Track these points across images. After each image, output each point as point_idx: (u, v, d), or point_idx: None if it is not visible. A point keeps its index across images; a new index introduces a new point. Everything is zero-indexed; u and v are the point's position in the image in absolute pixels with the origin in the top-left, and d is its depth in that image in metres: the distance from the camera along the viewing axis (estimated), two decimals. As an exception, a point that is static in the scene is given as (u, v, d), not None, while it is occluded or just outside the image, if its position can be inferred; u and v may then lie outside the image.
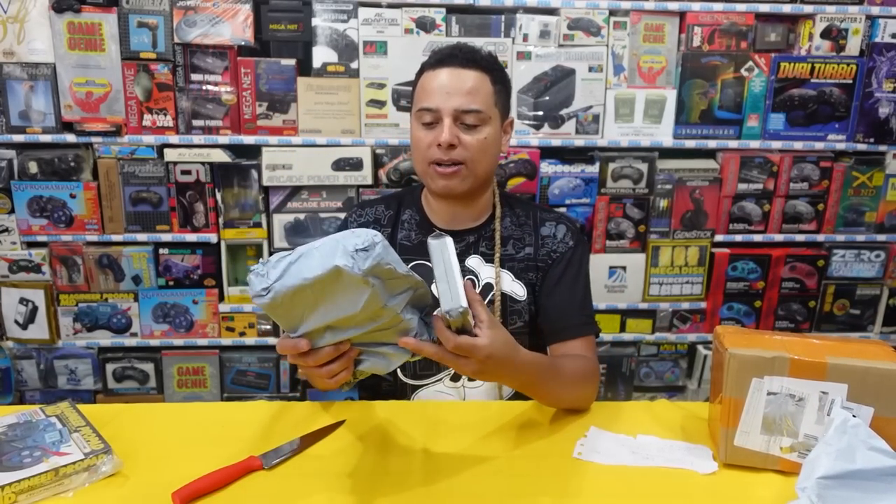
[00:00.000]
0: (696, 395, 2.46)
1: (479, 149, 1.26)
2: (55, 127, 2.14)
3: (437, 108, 1.24)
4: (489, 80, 1.27)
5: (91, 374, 2.32)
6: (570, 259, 1.34)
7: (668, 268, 2.35)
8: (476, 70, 1.26)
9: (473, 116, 1.24)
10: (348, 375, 0.97)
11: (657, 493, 0.99)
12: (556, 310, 1.32)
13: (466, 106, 1.23)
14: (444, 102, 1.24)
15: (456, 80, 1.24)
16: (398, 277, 0.90)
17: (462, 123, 1.25)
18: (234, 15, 2.10)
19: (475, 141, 1.25)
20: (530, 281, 1.34)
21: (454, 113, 1.23)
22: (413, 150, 1.32)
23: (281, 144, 2.19)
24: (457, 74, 1.25)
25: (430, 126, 1.26)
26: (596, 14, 2.15)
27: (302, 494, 0.98)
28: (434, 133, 1.25)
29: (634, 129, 2.24)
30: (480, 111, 1.24)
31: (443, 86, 1.24)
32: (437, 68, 1.26)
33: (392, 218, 1.38)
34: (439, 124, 1.25)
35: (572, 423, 1.17)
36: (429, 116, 1.25)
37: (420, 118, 1.27)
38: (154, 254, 2.25)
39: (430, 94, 1.25)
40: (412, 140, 1.31)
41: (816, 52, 2.20)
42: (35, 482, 0.94)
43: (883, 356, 0.99)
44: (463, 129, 1.25)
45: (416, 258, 1.32)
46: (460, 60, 1.25)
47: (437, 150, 1.24)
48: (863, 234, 2.36)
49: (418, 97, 1.29)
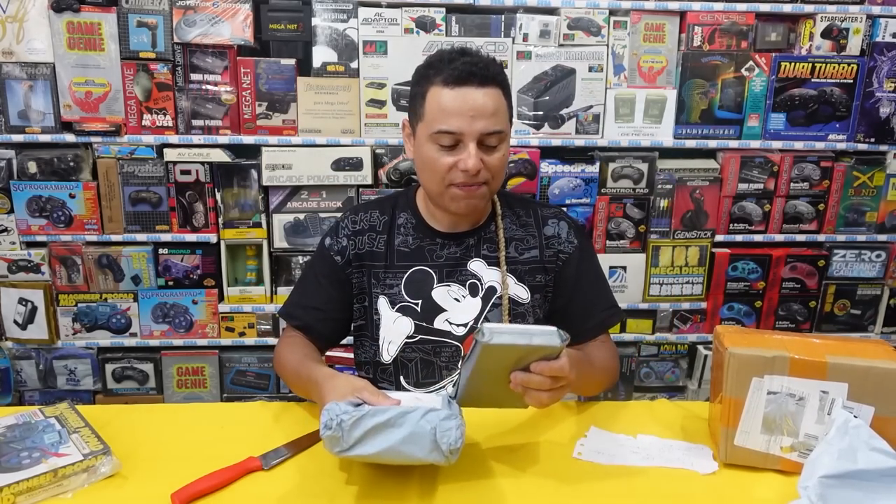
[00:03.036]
0: (696, 395, 2.46)
1: (500, 167, 1.24)
2: (54, 127, 2.14)
3: (461, 132, 1.18)
4: (503, 95, 1.22)
5: (90, 375, 2.32)
6: (579, 258, 1.34)
7: (668, 268, 2.35)
8: (493, 87, 1.19)
9: (496, 137, 1.20)
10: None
11: (657, 493, 0.99)
12: (582, 310, 1.33)
13: (491, 128, 1.18)
14: (468, 127, 1.17)
15: (478, 103, 1.17)
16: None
17: (484, 145, 1.20)
18: (233, 15, 2.10)
19: (496, 160, 1.22)
20: (538, 283, 1.32)
21: (479, 137, 1.18)
22: (425, 171, 1.24)
23: (281, 144, 2.19)
24: (478, 95, 1.17)
25: (448, 148, 1.20)
26: (596, 14, 2.15)
27: (301, 495, 0.98)
28: (455, 156, 1.19)
29: (634, 129, 2.24)
30: (503, 131, 1.21)
31: (464, 109, 1.17)
32: (453, 87, 1.18)
33: (387, 223, 1.34)
34: (459, 147, 1.19)
35: (572, 423, 1.17)
36: (449, 140, 1.19)
37: (437, 140, 1.19)
38: (154, 254, 2.25)
39: (451, 117, 1.17)
40: (425, 159, 1.23)
41: (817, 51, 2.20)
42: (34, 483, 0.94)
43: (883, 355, 0.99)
44: (484, 151, 1.20)
45: (415, 264, 1.30)
46: (479, 79, 1.18)
47: (461, 175, 1.20)
48: (863, 234, 2.36)
49: (433, 117, 1.19)
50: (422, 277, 1.30)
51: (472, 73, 1.17)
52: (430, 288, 1.29)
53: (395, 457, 0.91)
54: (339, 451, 0.91)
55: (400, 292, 1.29)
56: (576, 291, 1.33)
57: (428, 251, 1.31)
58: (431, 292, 1.29)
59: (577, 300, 1.33)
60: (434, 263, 1.30)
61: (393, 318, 1.29)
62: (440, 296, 1.29)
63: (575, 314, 1.33)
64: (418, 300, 1.29)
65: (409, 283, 1.30)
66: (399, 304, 1.29)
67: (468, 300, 1.29)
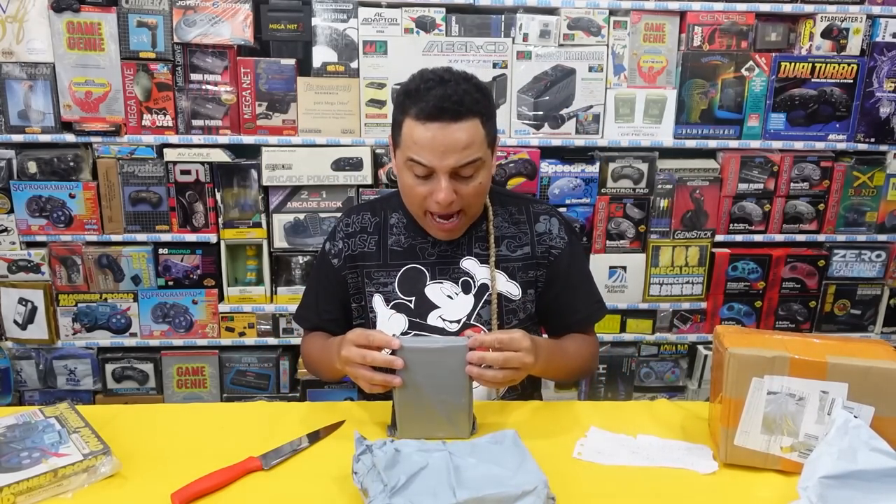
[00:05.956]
0: (696, 395, 2.46)
1: (476, 194, 1.24)
2: (54, 127, 2.14)
3: (432, 166, 1.17)
4: (480, 123, 1.19)
5: (90, 375, 2.32)
6: (570, 255, 1.36)
7: (668, 268, 2.35)
8: (467, 120, 1.16)
9: (470, 167, 1.19)
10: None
11: (657, 493, 0.99)
12: (567, 306, 1.37)
13: (463, 161, 1.17)
14: (438, 162, 1.16)
15: (449, 137, 1.15)
16: None
17: (459, 175, 1.19)
18: (233, 14, 2.09)
19: (472, 189, 1.22)
20: (530, 279, 1.34)
21: (451, 171, 1.17)
22: (404, 195, 1.27)
23: (281, 144, 2.19)
24: (449, 131, 1.15)
25: (422, 178, 1.20)
26: (596, 14, 2.15)
27: (301, 495, 0.98)
28: (428, 187, 1.20)
29: (634, 129, 2.24)
30: (477, 160, 1.19)
31: (435, 145, 1.16)
32: (424, 122, 1.16)
33: (379, 224, 1.37)
34: (433, 178, 1.19)
35: (572, 423, 1.17)
36: (422, 171, 1.19)
37: (411, 168, 1.20)
38: (154, 254, 2.25)
39: (422, 150, 1.17)
40: (402, 185, 1.25)
41: (817, 51, 2.20)
42: (34, 483, 0.94)
43: (883, 355, 0.99)
44: (459, 181, 1.20)
45: (408, 262, 1.33)
46: (451, 114, 1.15)
47: (435, 205, 1.21)
48: (863, 234, 2.36)
49: (406, 145, 1.19)
50: (415, 275, 1.32)
51: (443, 110, 1.15)
52: (423, 285, 1.32)
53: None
54: (379, 492, 0.88)
55: (394, 290, 1.32)
56: (564, 288, 1.36)
57: (420, 249, 1.34)
58: (424, 289, 1.32)
59: (564, 296, 1.37)
60: (426, 261, 1.33)
61: (388, 315, 1.32)
62: (433, 293, 1.31)
63: (561, 309, 1.37)
64: (412, 297, 1.32)
65: (403, 281, 1.32)
66: (393, 301, 1.32)
67: (461, 297, 1.31)
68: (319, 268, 1.43)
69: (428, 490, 0.87)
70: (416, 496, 0.86)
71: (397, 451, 0.93)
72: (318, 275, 1.44)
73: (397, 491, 0.86)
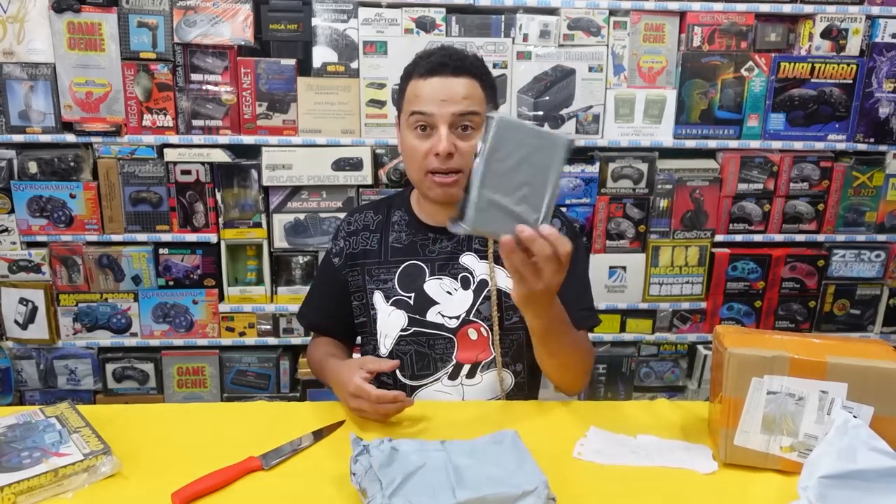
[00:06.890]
0: (696, 395, 2.46)
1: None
2: (55, 127, 2.14)
3: (432, 114, 1.23)
4: (479, 86, 1.26)
5: (91, 375, 2.32)
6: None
7: (668, 268, 2.35)
8: (467, 77, 1.24)
9: (469, 119, 1.23)
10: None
11: (657, 493, 0.99)
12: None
13: (462, 110, 1.22)
14: (438, 110, 1.22)
15: (449, 89, 1.23)
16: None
17: (458, 129, 1.24)
18: (233, 15, 2.10)
19: (471, 147, 1.23)
20: None
21: (451, 119, 1.23)
22: (407, 160, 1.31)
23: (281, 144, 2.19)
24: (449, 83, 1.23)
25: (424, 134, 1.25)
26: (596, 14, 2.15)
27: (301, 495, 0.98)
28: (430, 142, 1.24)
29: (634, 129, 2.24)
30: (477, 113, 1.24)
31: (436, 94, 1.23)
32: (427, 77, 1.24)
33: (381, 222, 1.39)
34: (434, 132, 1.24)
35: (572, 423, 1.17)
36: (422, 121, 1.24)
37: (413, 123, 1.25)
38: (154, 254, 2.25)
39: (423, 101, 1.24)
40: (405, 149, 1.29)
41: (816, 52, 2.20)
42: (34, 483, 0.94)
43: (883, 355, 0.99)
44: (458, 136, 1.24)
45: (408, 259, 1.34)
46: (451, 69, 1.24)
47: (435, 160, 1.23)
48: (863, 234, 2.36)
49: (409, 103, 1.27)
50: (414, 271, 1.33)
51: (443, 64, 1.24)
52: (423, 281, 1.32)
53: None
54: (378, 494, 0.87)
55: (394, 286, 1.33)
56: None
57: (420, 246, 1.34)
58: (424, 285, 1.32)
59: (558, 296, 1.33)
60: (426, 258, 1.33)
61: (388, 311, 1.33)
62: (432, 289, 1.32)
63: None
64: (411, 293, 1.32)
65: (403, 277, 1.33)
66: (393, 297, 1.33)
67: (460, 293, 1.32)
68: (321, 268, 1.48)
69: (427, 490, 0.87)
70: (415, 496, 0.86)
71: (394, 450, 0.93)
72: (319, 275, 1.49)
73: (396, 491, 0.86)
